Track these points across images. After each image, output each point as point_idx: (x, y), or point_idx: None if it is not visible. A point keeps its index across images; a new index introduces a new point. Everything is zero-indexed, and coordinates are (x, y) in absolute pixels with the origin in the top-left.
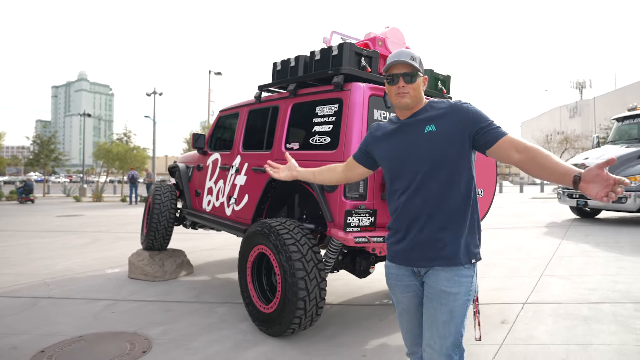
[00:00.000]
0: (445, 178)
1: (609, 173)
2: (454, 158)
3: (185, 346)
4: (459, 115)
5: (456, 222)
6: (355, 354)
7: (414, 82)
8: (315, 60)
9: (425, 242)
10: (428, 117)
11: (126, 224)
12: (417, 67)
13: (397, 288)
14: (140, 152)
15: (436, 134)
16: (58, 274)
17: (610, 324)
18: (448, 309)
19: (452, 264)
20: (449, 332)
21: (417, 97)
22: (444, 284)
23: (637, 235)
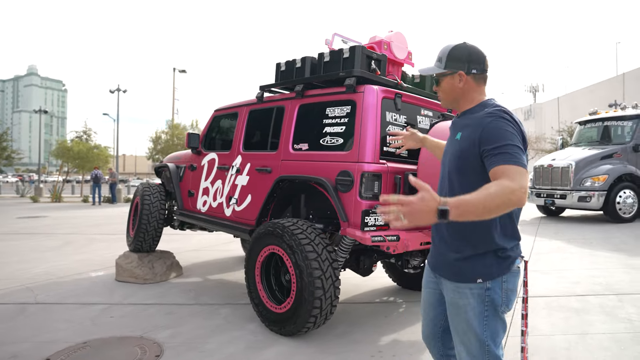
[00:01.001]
0: (459, 190)
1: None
2: (467, 172)
3: (198, 349)
4: (477, 131)
5: (464, 238)
6: (371, 350)
7: (439, 84)
8: (324, 62)
9: (436, 252)
10: (465, 123)
11: (97, 225)
12: (437, 69)
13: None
14: (103, 151)
15: (459, 144)
16: (38, 279)
17: (600, 315)
18: (461, 319)
19: (454, 279)
20: (468, 341)
21: (451, 97)
22: (450, 295)
23: (601, 231)
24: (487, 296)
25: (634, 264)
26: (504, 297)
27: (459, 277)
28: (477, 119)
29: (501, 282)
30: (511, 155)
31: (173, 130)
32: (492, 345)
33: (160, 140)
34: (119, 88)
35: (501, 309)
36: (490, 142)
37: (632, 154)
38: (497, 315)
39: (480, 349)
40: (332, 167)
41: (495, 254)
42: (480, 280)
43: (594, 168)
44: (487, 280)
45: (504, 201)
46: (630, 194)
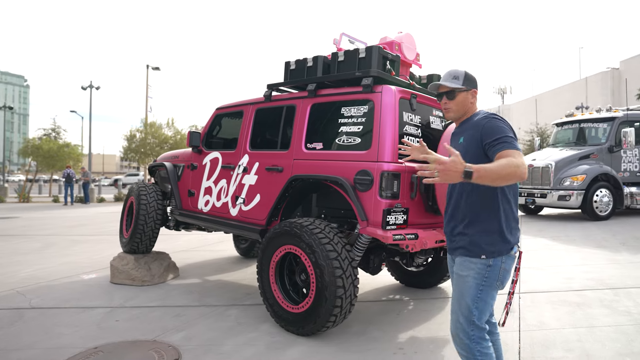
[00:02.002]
0: (467, 184)
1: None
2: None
3: (217, 351)
4: (477, 131)
5: (473, 222)
6: (391, 347)
7: (454, 98)
8: (338, 62)
9: (448, 234)
10: (465, 129)
11: (75, 226)
12: (454, 86)
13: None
14: (74, 149)
15: (463, 146)
16: (27, 283)
17: (600, 308)
18: (459, 289)
19: (462, 254)
20: (459, 309)
21: (460, 111)
22: (457, 268)
23: (580, 229)
24: (487, 272)
25: (619, 259)
26: (500, 275)
27: (467, 252)
28: (475, 123)
29: (501, 262)
30: (509, 143)
31: (149, 128)
32: (477, 318)
33: (135, 139)
34: (92, 85)
35: (496, 284)
36: (491, 136)
37: (607, 154)
38: (491, 291)
39: (466, 319)
40: (350, 166)
41: (500, 235)
42: (484, 257)
43: (573, 168)
44: (489, 257)
45: (512, 171)
46: (606, 193)
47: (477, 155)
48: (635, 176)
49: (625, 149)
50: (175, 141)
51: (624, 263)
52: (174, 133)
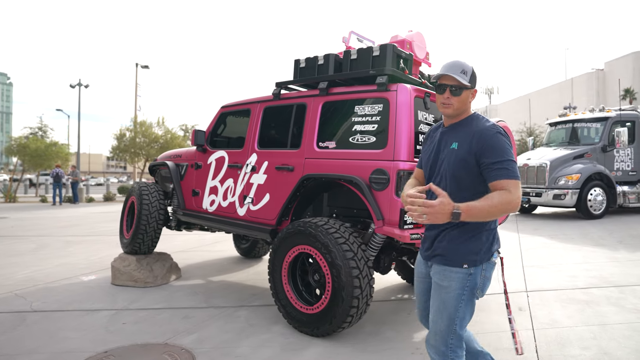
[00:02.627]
0: (453, 190)
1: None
2: (463, 176)
3: (232, 354)
4: (475, 143)
5: (456, 229)
6: (409, 347)
7: (459, 95)
8: (351, 60)
9: (430, 239)
10: (459, 133)
11: (67, 226)
12: (464, 82)
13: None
14: (62, 148)
15: (455, 153)
16: (24, 285)
17: (608, 306)
18: (439, 299)
19: (443, 263)
20: (440, 319)
21: (460, 109)
22: (436, 277)
23: (576, 227)
24: (469, 281)
25: (618, 257)
26: (480, 283)
27: (447, 261)
28: (474, 131)
29: (481, 269)
30: (509, 170)
31: (139, 127)
32: (458, 327)
33: (124, 138)
34: (80, 83)
35: (477, 294)
36: (491, 156)
37: (601, 154)
38: (472, 299)
39: (448, 327)
40: (365, 165)
41: (486, 243)
42: (465, 266)
43: (567, 167)
44: (471, 266)
45: (503, 209)
46: (600, 192)
47: (467, 166)
48: (627, 175)
49: (618, 148)
50: (165, 140)
51: (623, 261)
52: (164, 132)
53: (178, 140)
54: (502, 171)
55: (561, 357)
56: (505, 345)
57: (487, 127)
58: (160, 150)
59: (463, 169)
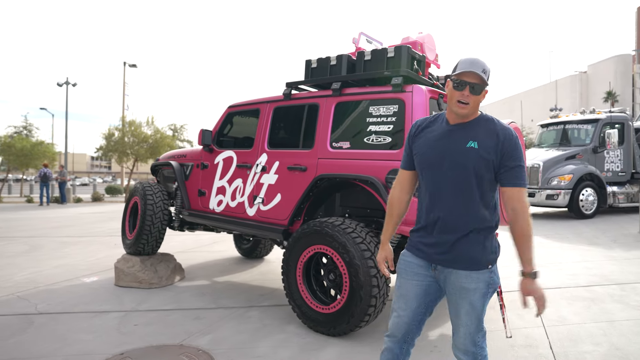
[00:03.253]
0: (470, 191)
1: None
2: (483, 175)
3: (251, 354)
4: (495, 142)
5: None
6: (427, 345)
7: (478, 94)
8: (364, 61)
9: (443, 244)
10: (475, 133)
11: (59, 227)
12: (485, 80)
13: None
14: (49, 148)
15: (475, 152)
16: (25, 287)
17: (613, 303)
18: (467, 302)
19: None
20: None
21: (475, 109)
22: (461, 281)
23: (569, 227)
24: (491, 279)
25: (615, 256)
26: (497, 278)
27: (476, 265)
28: (497, 132)
29: (496, 266)
30: (524, 177)
31: (128, 126)
32: (483, 322)
33: (113, 138)
34: (68, 81)
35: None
36: (511, 159)
37: (592, 155)
38: (491, 294)
39: (477, 327)
40: (381, 165)
41: (495, 241)
42: (490, 266)
43: (560, 168)
44: (493, 265)
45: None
46: (592, 192)
47: (489, 165)
48: (617, 176)
49: (609, 149)
50: (155, 140)
51: (620, 259)
52: (153, 132)
53: (167, 140)
54: (518, 178)
55: (575, 353)
56: (520, 342)
57: (509, 129)
58: (150, 150)
59: (485, 169)
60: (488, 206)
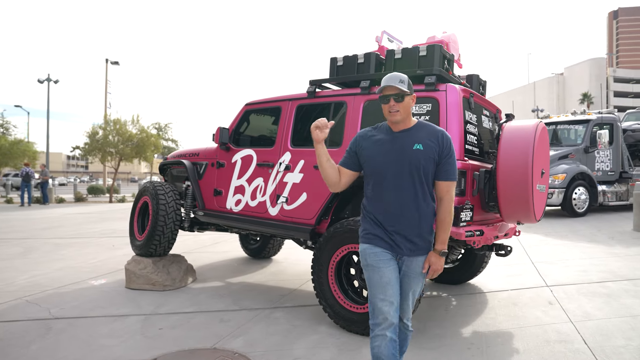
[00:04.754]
0: (420, 186)
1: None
2: (428, 172)
3: (290, 356)
4: (435, 142)
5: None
6: (462, 343)
7: (402, 101)
8: (395, 59)
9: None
10: (418, 136)
11: (47, 228)
12: (404, 89)
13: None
14: (29, 147)
15: (422, 153)
16: (31, 291)
17: (630, 298)
18: (420, 282)
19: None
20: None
21: (406, 114)
22: (420, 266)
23: (565, 225)
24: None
25: (617, 252)
26: None
27: (428, 250)
28: (432, 134)
29: None
30: (454, 172)
31: (113, 125)
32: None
33: (97, 136)
34: (49, 78)
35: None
36: (447, 156)
37: (583, 155)
38: None
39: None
40: None
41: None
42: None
43: (554, 167)
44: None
45: (452, 219)
46: (584, 191)
47: (432, 162)
48: (606, 175)
49: (600, 149)
50: (140, 139)
51: (622, 256)
52: (139, 131)
53: (153, 140)
54: (451, 174)
55: (611, 347)
56: (554, 338)
57: (444, 131)
58: (135, 150)
59: (430, 166)
60: (433, 198)
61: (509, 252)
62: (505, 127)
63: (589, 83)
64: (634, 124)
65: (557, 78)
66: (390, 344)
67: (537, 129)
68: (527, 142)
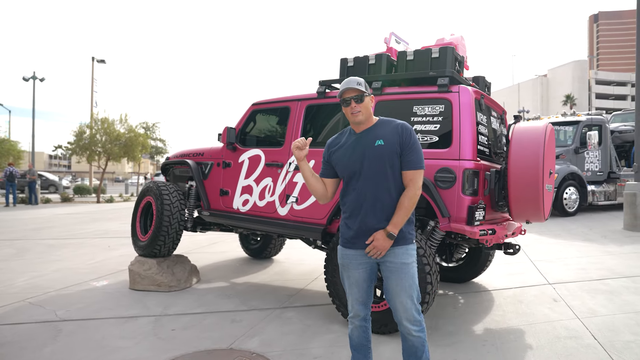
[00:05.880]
0: (387, 179)
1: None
2: (394, 164)
3: (309, 355)
4: (400, 136)
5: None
6: (477, 340)
7: (362, 102)
8: (407, 61)
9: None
10: (378, 133)
11: (38, 229)
12: (363, 90)
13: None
14: (14, 146)
15: (384, 148)
16: (33, 293)
17: (631, 295)
18: (408, 276)
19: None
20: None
21: (367, 114)
22: (399, 259)
23: (557, 224)
24: (416, 253)
25: (611, 250)
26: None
27: (408, 240)
28: (393, 128)
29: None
30: (419, 160)
31: (101, 124)
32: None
33: (84, 135)
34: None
35: None
36: (409, 147)
37: (574, 155)
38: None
39: (418, 297)
40: (429, 164)
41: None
42: (414, 242)
43: None
44: (414, 242)
45: (414, 203)
46: (574, 191)
47: (394, 155)
48: (596, 175)
49: (590, 150)
50: (129, 138)
51: (617, 254)
52: (127, 130)
53: (141, 139)
54: (415, 163)
55: (621, 342)
56: (564, 334)
57: (405, 123)
58: (123, 149)
59: (395, 159)
60: (399, 188)
61: (517, 250)
62: (516, 129)
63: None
64: (620, 126)
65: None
66: (360, 329)
67: (547, 131)
68: (537, 143)
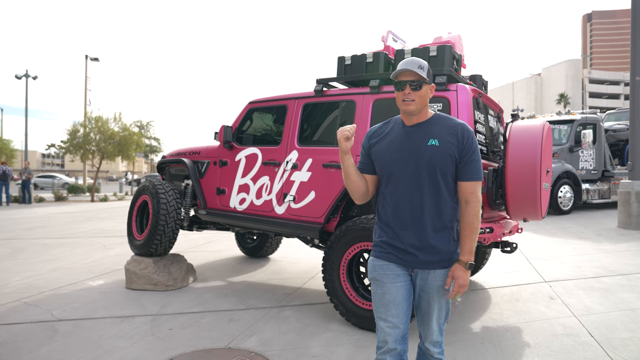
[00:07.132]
0: (438, 188)
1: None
2: (447, 171)
3: (308, 354)
4: (459, 140)
5: (447, 228)
6: (475, 338)
7: (419, 90)
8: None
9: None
10: (433, 131)
11: (32, 228)
12: (423, 76)
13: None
14: (6, 144)
15: (438, 149)
16: (28, 292)
17: (626, 292)
18: (443, 299)
19: (448, 265)
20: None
21: (422, 105)
22: (439, 280)
23: (552, 223)
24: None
25: (606, 249)
26: None
27: (450, 262)
28: (451, 128)
29: None
30: (479, 172)
31: (95, 122)
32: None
33: (78, 134)
34: (27, 74)
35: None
36: (469, 153)
37: (569, 154)
38: None
39: (445, 319)
40: None
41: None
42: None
43: None
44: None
45: (479, 223)
46: (569, 189)
47: (450, 160)
48: (590, 174)
49: (584, 148)
50: (123, 137)
51: (612, 252)
52: (121, 129)
53: (135, 138)
54: (475, 174)
55: (617, 340)
56: (560, 332)
57: (466, 124)
58: (118, 148)
59: (451, 165)
60: (455, 200)
61: (515, 248)
62: (513, 127)
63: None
64: (614, 124)
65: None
66: None
67: (544, 129)
68: (535, 142)
